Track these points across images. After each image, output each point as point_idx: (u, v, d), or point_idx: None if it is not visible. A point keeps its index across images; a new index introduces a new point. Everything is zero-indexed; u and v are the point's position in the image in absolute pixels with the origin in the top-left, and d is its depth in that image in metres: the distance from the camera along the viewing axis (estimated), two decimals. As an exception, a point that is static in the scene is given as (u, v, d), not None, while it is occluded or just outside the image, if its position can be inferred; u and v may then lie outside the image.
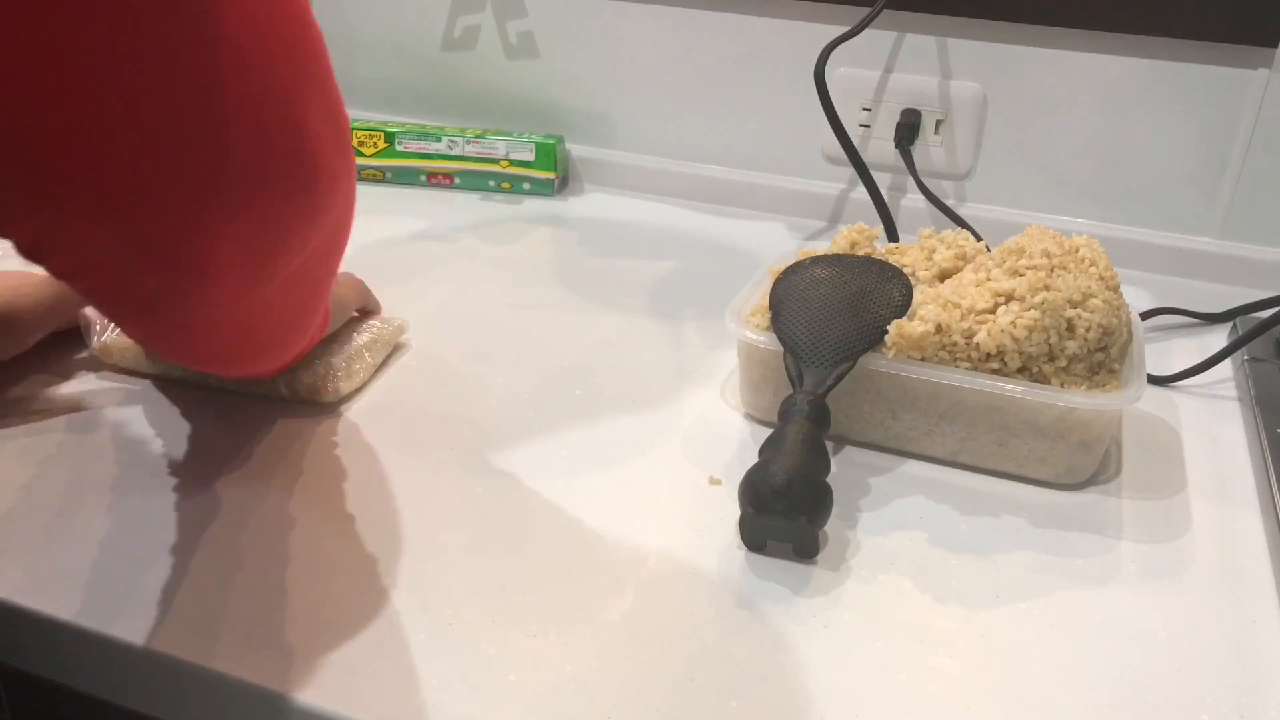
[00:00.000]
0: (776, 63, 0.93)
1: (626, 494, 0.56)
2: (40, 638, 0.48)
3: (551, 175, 0.99)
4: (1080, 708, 0.44)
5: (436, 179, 1.01)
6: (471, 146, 0.99)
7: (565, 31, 0.99)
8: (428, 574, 0.50)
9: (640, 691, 0.44)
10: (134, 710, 0.48)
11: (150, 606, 0.47)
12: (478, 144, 0.99)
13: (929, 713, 0.43)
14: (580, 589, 0.49)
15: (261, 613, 0.47)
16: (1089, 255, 0.61)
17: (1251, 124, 0.82)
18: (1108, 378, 0.57)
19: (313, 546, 0.51)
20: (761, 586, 0.50)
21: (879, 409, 0.59)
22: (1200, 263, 0.86)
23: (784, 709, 0.43)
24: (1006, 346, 0.56)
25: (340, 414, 0.62)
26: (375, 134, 1.00)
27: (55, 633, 0.47)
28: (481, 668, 0.44)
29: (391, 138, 1.00)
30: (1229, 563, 0.53)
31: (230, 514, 0.53)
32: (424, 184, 1.01)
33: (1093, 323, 0.56)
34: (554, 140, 0.99)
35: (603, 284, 0.82)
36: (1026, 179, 0.90)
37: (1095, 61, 0.84)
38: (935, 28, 0.88)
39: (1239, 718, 0.44)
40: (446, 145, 0.99)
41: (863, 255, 0.66)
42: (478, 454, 0.59)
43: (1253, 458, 0.62)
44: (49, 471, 0.56)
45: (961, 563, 0.52)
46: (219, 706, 0.45)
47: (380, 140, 1.00)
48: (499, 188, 1.00)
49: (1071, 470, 0.58)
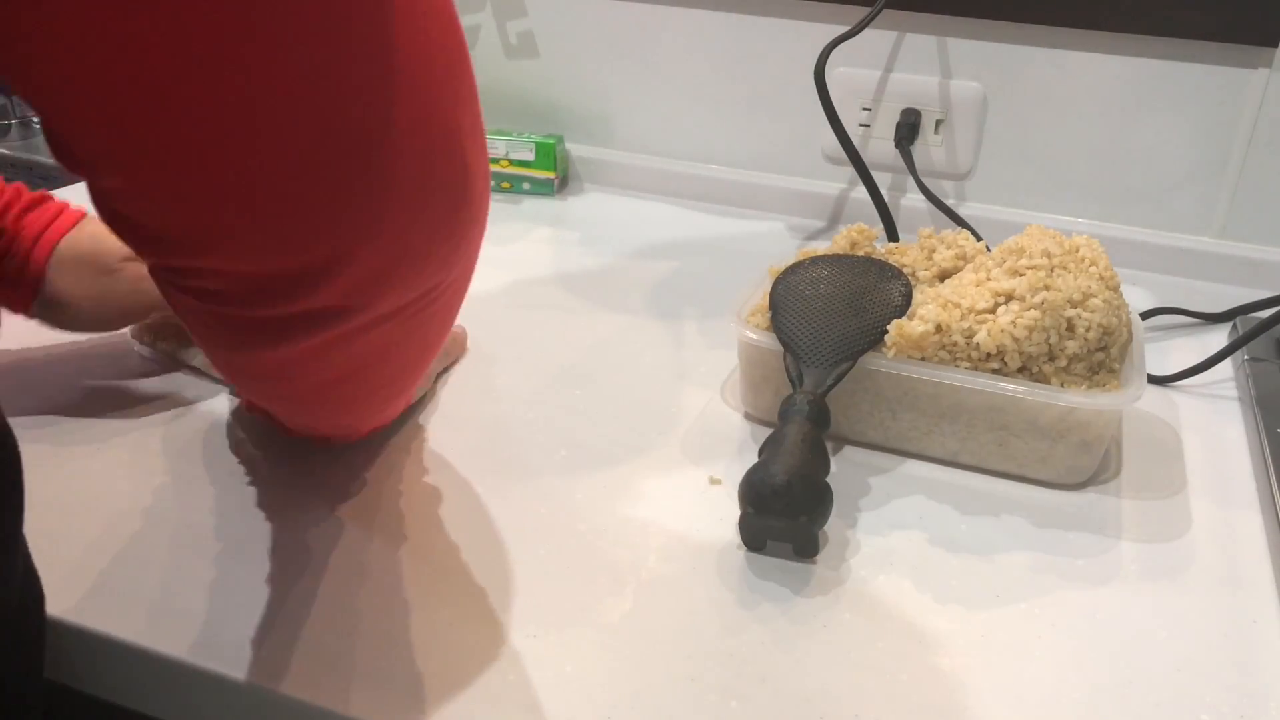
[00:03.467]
0: (776, 63, 0.93)
1: (626, 494, 0.56)
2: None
3: (551, 175, 0.99)
4: (1080, 708, 0.44)
5: None
6: None
7: (565, 31, 0.99)
8: (428, 574, 0.50)
9: (640, 691, 0.44)
10: (134, 710, 0.48)
11: (149, 606, 0.47)
12: None
13: (929, 713, 0.43)
14: (580, 589, 0.49)
15: (259, 613, 0.47)
16: (1089, 255, 0.61)
17: (1251, 124, 0.82)
18: (1108, 377, 0.57)
19: (312, 546, 0.51)
20: (761, 586, 0.50)
21: (879, 409, 0.59)
22: (1200, 263, 0.86)
23: (784, 709, 0.43)
24: (1007, 346, 0.56)
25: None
26: None
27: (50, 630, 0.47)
28: (481, 668, 0.44)
29: None
30: (1229, 563, 0.53)
31: (229, 513, 0.53)
32: None
33: (1093, 322, 0.56)
34: (554, 140, 0.99)
35: (603, 284, 0.82)
36: (1026, 179, 0.90)
37: (1095, 61, 0.84)
38: (935, 28, 0.87)
39: (1239, 718, 0.43)
40: None
41: (862, 255, 0.66)
42: (479, 454, 0.59)
43: (1253, 458, 0.62)
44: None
45: (961, 563, 0.52)
46: (218, 706, 0.45)
47: None
48: (499, 187, 1.00)
49: (1071, 470, 0.58)
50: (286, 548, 0.51)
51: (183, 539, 0.52)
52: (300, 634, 0.46)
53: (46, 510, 0.53)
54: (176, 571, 0.49)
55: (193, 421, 0.61)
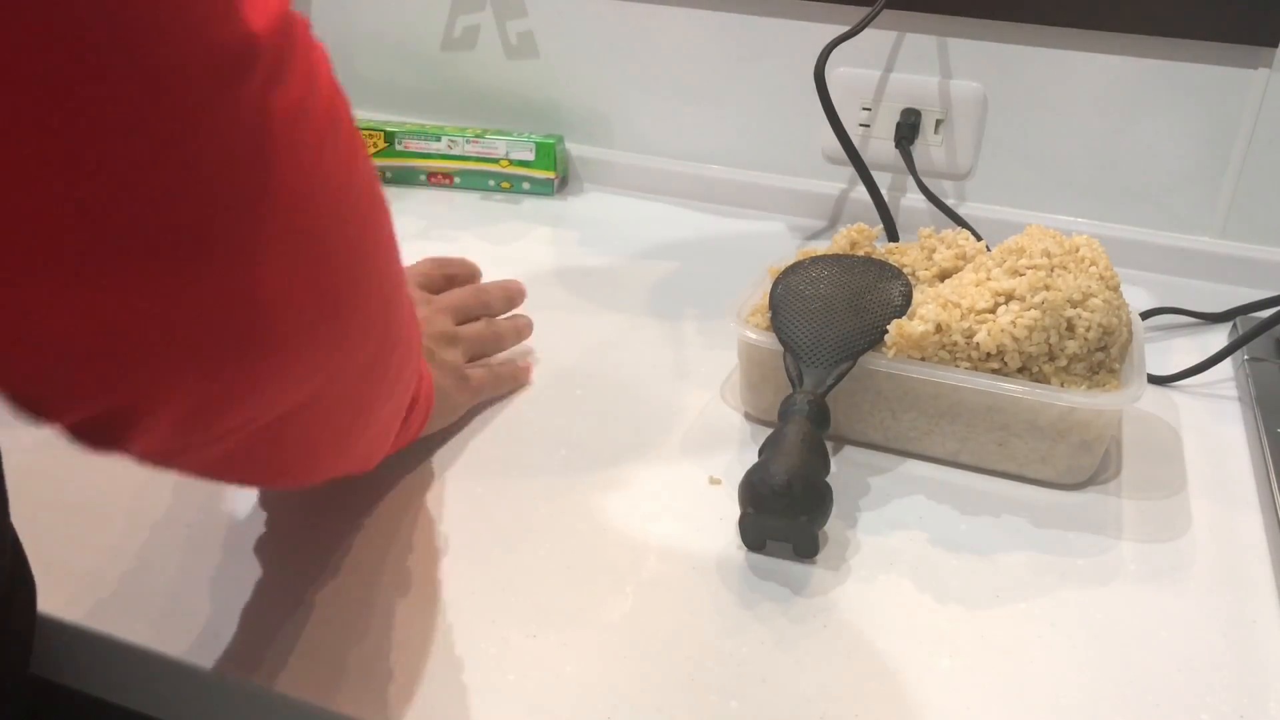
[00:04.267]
0: (776, 63, 0.93)
1: (626, 494, 0.56)
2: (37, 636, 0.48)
3: (551, 175, 0.99)
4: (1080, 708, 0.44)
5: (436, 179, 1.01)
6: (471, 146, 0.99)
7: (565, 31, 0.99)
8: (428, 574, 0.50)
9: (640, 691, 0.44)
10: (134, 710, 0.48)
11: (148, 607, 0.47)
12: (478, 144, 0.99)
13: (929, 713, 0.43)
14: (580, 589, 0.49)
15: (260, 613, 0.47)
16: (1089, 255, 0.61)
17: (1251, 124, 0.82)
18: (1108, 377, 0.57)
19: (312, 546, 0.51)
20: (762, 586, 0.50)
21: (879, 409, 0.59)
22: (1200, 263, 0.86)
23: (784, 709, 0.43)
24: (1007, 346, 0.56)
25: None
26: (375, 134, 1.00)
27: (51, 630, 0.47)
28: (481, 668, 0.44)
29: (391, 137, 1.00)
30: (1229, 563, 0.53)
31: (228, 513, 0.53)
32: (424, 184, 1.01)
33: (1093, 322, 0.56)
34: (554, 140, 0.99)
35: (603, 284, 0.82)
36: (1026, 179, 0.90)
37: (1095, 61, 0.84)
38: (935, 28, 0.87)
39: (1239, 718, 0.44)
40: (446, 145, 0.99)
41: (862, 255, 0.66)
42: (479, 454, 0.59)
43: (1253, 458, 0.62)
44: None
45: (962, 563, 0.52)
46: (218, 706, 0.45)
47: (380, 140, 1.00)
48: (499, 187, 1.00)
49: (1071, 470, 0.58)
50: (286, 548, 0.51)
51: (183, 539, 0.52)
52: (300, 634, 0.46)
53: (47, 509, 0.53)
54: (177, 571, 0.49)
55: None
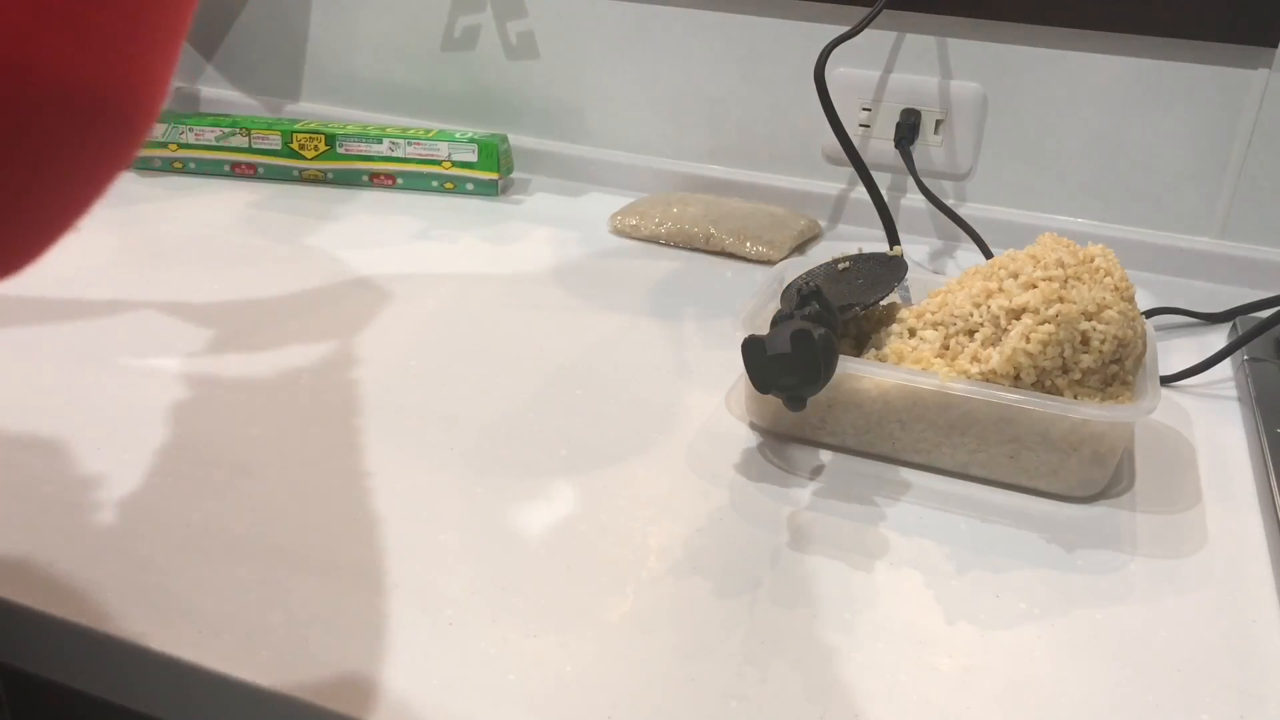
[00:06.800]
0: (776, 63, 0.93)
1: (626, 494, 0.56)
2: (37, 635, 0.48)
3: (495, 176, 0.98)
4: (1080, 708, 0.44)
5: (379, 180, 1.00)
6: (413, 148, 0.99)
7: (565, 31, 0.99)
8: (428, 574, 0.50)
9: (640, 691, 0.44)
10: (134, 710, 0.48)
11: (150, 605, 0.47)
12: (419, 145, 0.98)
13: (929, 713, 0.43)
14: (580, 589, 0.49)
15: (260, 613, 0.47)
16: (1104, 265, 0.59)
17: (1251, 124, 0.82)
18: (1121, 389, 0.56)
19: (313, 546, 0.51)
20: (762, 587, 0.50)
21: (887, 419, 0.59)
22: (1200, 263, 0.86)
23: (784, 709, 0.43)
24: (1022, 364, 0.55)
25: (341, 414, 0.62)
26: (316, 137, 0.99)
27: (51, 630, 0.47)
28: (481, 668, 0.44)
29: (333, 140, 0.99)
30: (1229, 563, 0.53)
31: (228, 512, 0.53)
32: (368, 184, 1.00)
33: (1108, 335, 0.56)
34: (497, 140, 0.98)
35: (602, 284, 0.82)
36: (1026, 179, 0.90)
37: (1095, 61, 0.84)
38: (935, 28, 0.88)
39: (1239, 718, 0.44)
40: (388, 147, 0.99)
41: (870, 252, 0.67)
42: (478, 454, 0.59)
43: (1252, 457, 0.62)
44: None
45: (967, 571, 0.52)
46: (217, 706, 0.45)
47: (321, 143, 0.99)
48: (442, 188, 1.00)
49: (1084, 483, 0.57)
50: (286, 548, 0.51)
51: (183, 538, 0.52)
52: (299, 634, 0.46)
53: (48, 509, 0.53)
54: (177, 571, 0.49)
55: (194, 420, 0.61)
